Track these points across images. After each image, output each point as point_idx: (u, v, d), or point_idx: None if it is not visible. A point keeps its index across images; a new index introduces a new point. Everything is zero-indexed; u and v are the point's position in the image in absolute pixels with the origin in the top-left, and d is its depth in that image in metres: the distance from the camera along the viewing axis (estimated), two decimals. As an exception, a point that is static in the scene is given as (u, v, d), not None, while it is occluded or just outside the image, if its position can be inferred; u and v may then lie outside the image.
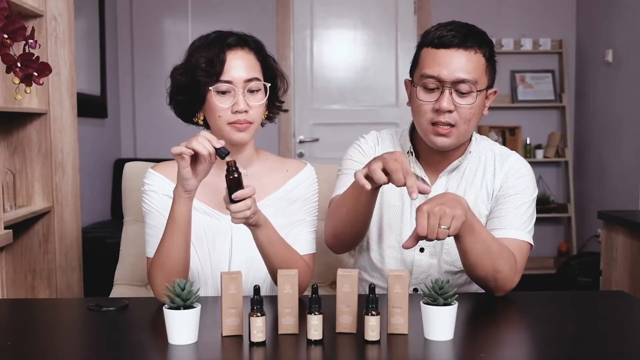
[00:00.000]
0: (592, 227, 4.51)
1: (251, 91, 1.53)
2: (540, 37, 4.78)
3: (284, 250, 1.51)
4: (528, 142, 4.78)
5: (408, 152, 1.69)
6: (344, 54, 4.80)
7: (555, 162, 4.88)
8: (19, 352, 1.20)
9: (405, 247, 1.41)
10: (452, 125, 1.57)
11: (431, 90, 1.57)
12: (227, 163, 1.36)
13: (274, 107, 1.64)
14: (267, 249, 1.49)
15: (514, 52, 4.74)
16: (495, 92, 1.65)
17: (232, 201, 1.36)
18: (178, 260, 1.46)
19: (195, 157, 1.38)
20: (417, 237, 1.38)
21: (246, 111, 1.51)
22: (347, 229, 1.58)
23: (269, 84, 1.56)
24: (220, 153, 1.37)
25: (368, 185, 1.40)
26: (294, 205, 1.61)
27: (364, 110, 4.76)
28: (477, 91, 1.56)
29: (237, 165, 1.37)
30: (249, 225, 1.44)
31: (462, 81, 1.55)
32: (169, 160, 1.58)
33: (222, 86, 1.52)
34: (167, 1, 4.70)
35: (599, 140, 4.51)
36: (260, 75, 1.55)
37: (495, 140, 4.45)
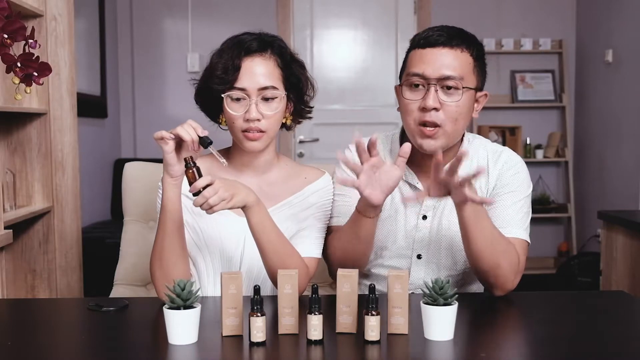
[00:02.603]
0: (592, 227, 4.51)
1: (266, 99, 1.53)
2: (540, 37, 4.78)
3: (279, 240, 1.49)
4: (528, 142, 4.78)
5: None
6: (344, 54, 4.80)
7: (555, 162, 4.88)
8: (19, 352, 1.20)
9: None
10: (438, 126, 1.54)
11: (417, 88, 1.56)
12: (185, 159, 1.38)
13: (299, 112, 1.63)
14: (260, 235, 1.47)
15: (514, 52, 4.73)
16: (485, 95, 1.63)
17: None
18: (173, 250, 1.46)
19: (180, 145, 1.40)
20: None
21: (258, 119, 1.51)
22: (354, 258, 1.57)
23: (284, 93, 1.55)
24: (203, 142, 1.39)
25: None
26: (306, 211, 1.61)
27: (364, 110, 4.76)
28: (463, 88, 1.54)
29: (194, 160, 1.39)
30: (234, 207, 1.42)
31: (448, 78, 1.53)
32: None
33: (235, 94, 1.52)
34: (167, 1, 4.70)
35: (599, 140, 4.51)
36: (278, 83, 1.54)
37: (495, 140, 4.46)
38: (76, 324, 1.46)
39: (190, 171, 1.37)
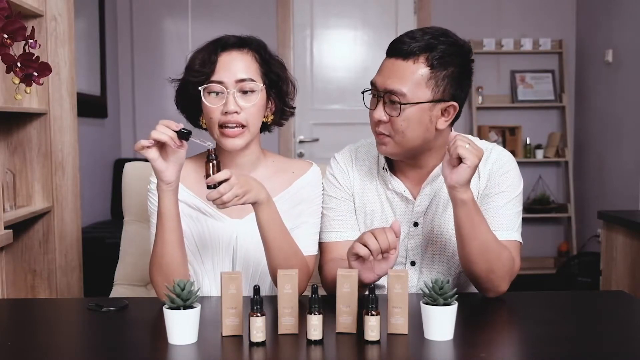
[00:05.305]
0: (592, 227, 4.51)
1: (244, 92, 1.52)
2: (540, 37, 4.78)
3: (285, 238, 1.49)
4: (528, 142, 4.77)
5: (383, 168, 1.64)
6: (344, 54, 4.80)
7: (555, 162, 4.87)
8: (19, 352, 1.20)
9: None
10: (387, 135, 1.54)
11: (374, 97, 1.56)
12: (208, 151, 1.37)
13: (281, 111, 1.63)
14: (267, 232, 1.47)
15: (514, 52, 4.74)
16: (452, 106, 1.52)
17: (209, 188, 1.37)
18: (173, 257, 1.46)
19: (164, 148, 1.38)
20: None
21: (236, 112, 1.50)
22: None
23: (262, 85, 1.54)
24: (182, 134, 1.37)
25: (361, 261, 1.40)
26: (298, 207, 1.60)
27: (364, 110, 4.72)
28: (402, 104, 1.49)
29: (217, 152, 1.38)
30: (245, 203, 1.42)
31: (390, 91, 1.51)
32: None
33: (213, 87, 1.51)
34: (167, 1, 4.70)
35: (599, 140, 4.51)
36: (256, 77, 1.54)
37: (495, 141, 4.45)
38: (76, 324, 1.46)
39: (210, 164, 1.36)
